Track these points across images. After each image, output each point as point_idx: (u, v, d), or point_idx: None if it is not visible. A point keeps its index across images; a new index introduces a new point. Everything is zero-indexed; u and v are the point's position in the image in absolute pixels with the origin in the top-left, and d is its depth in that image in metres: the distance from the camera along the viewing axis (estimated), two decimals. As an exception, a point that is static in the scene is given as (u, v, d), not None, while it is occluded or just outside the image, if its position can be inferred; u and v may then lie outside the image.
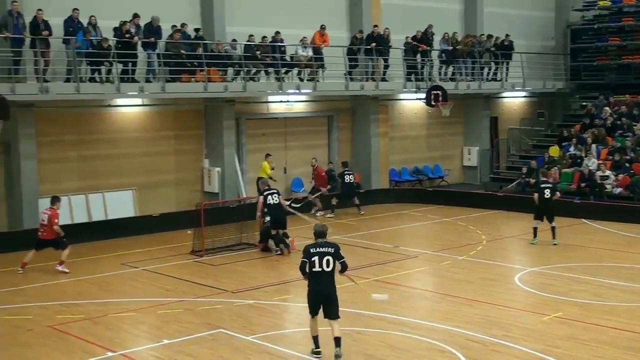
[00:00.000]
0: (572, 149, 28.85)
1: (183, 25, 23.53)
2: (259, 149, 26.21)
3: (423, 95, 28.45)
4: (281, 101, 27.19)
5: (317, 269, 11.38)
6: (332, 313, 11.42)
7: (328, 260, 11.38)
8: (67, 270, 17.59)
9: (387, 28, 28.26)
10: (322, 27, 26.67)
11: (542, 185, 20.18)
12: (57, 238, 17.51)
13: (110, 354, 12.01)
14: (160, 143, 24.60)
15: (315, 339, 11.57)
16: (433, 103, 28.18)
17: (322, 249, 11.45)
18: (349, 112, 29.49)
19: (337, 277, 11.60)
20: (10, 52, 20.16)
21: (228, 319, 13.81)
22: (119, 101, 23.42)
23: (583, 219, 23.57)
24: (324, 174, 25.67)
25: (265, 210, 19.31)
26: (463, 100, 31.91)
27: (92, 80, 21.50)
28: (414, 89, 28.96)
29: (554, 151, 29.50)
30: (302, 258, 11.53)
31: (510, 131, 34.31)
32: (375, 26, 27.92)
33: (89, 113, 23.03)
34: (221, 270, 17.93)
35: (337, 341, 11.30)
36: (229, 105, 25.18)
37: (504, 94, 33.96)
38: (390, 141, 30.17)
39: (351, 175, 25.83)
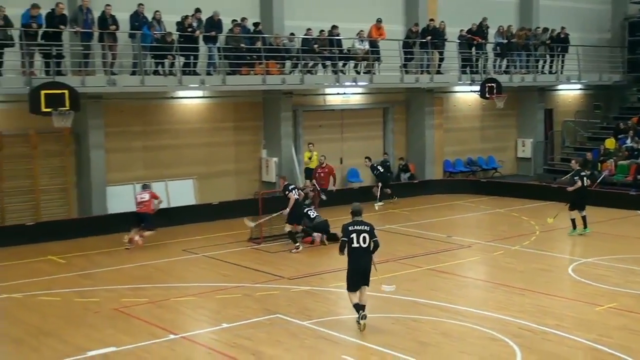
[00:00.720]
0: (628, 141, 28.25)
1: (243, 19, 23.69)
2: (315, 140, 26.22)
3: (477, 88, 28.16)
4: (338, 93, 27.17)
5: (355, 245, 12.13)
6: (365, 282, 12.30)
7: (364, 237, 12.12)
8: (140, 243, 18.37)
9: (442, 21, 27.95)
10: (379, 21, 26.56)
11: (583, 174, 19.79)
12: (151, 214, 18.77)
13: (172, 336, 12.18)
14: (220, 134, 24.83)
15: (357, 306, 12.22)
16: (487, 95, 27.90)
17: (359, 227, 12.18)
18: (404, 104, 29.35)
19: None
20: (80, 46, 20.55)
21: (284, 305, 13.86)
22: (181, 93, 23.69)
23: (639, 211, 23.07)
24: (330, 172, 23.77)
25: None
26: (517, 93, 31.49)
27: (156, 73, 21.80)
28: (469, 82, 28.66)
29: (610, 143, 28.93)
30: (342, 237, 12.29)
31: (565, 123, 33.67)
32: (431, 20, 27.68)
33: (153, 105, 23.37)
34: (278, 257, 18.04)
35: (363, 307, 12.22)
36: (286, 98, 25.27)
37: (559, 87, 33.36)
38: (444, 133, 29.93)
39: (380, 166, 25.55)
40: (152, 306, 13.88)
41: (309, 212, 19.58)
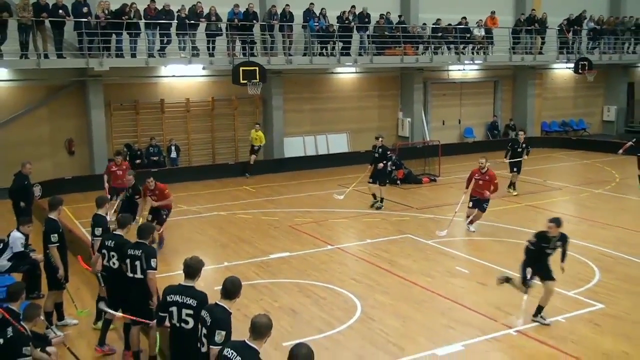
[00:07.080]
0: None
1: (388, 13, 23.19)
2: (440, 105, 25.67)
3: (572, 65, 26.30)
4: (458, 70, 26.18)
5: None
6: None
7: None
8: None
9: (544, 12, 26.19)
10: (493, 13, 25.21)
11: None
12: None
13: (329, 247, 12.42)
14: (367, 100, 24.62)
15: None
16: (580, 71, 26.02)
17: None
18: (511, 78, 27.87)
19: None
20: (267, 35, 20.92)
21: (413, 227, 13.75)
22: (340, 69, 23.61)
23: None
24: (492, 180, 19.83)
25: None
26: (605, 69, 29.05)
27: (321, 54, 21.83)
28: (565, 60, 26.79)
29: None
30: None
31: (645, 94, 30.95)
32: (533, 10, 26.01)
33: (318, 78, 23.46)
34: (409, 192, 17.86)
35: None
36: (418, 73, 24.64)
37: (641, 64, 30.54)
38: (543, 100, 28.24)
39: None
40: (316, 225, 14.16)
41: None
